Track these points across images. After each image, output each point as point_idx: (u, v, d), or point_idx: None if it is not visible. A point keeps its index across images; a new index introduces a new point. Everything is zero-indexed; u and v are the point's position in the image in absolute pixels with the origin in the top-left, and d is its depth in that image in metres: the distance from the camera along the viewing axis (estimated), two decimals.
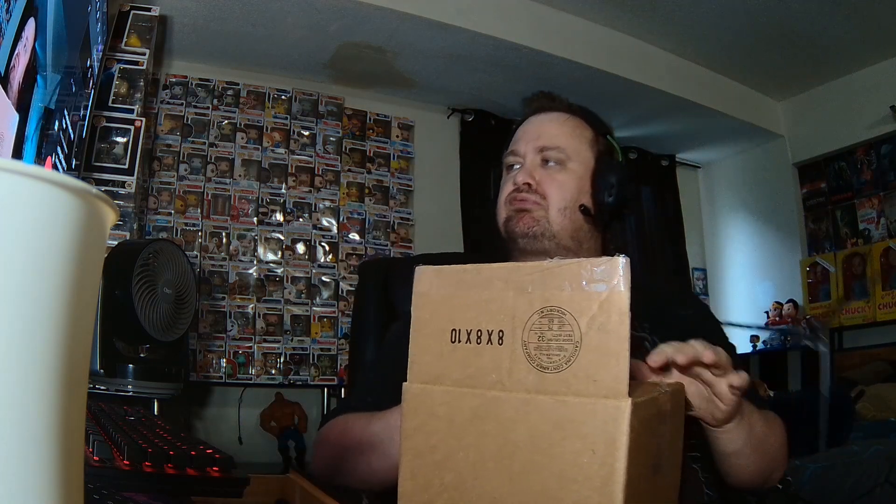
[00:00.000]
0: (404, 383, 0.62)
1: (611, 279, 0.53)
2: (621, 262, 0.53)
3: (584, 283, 0.54)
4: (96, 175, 2.04)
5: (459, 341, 0.59)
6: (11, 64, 0.94)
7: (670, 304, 1.13)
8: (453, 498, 0.58)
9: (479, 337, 0.58)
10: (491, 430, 0.56)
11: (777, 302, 3.81)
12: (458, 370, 0.59)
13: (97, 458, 0.67)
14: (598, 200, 1.10)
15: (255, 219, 3.34)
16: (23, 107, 1.03)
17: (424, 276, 0.63)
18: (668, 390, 0.62)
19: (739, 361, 1.18)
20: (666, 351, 0.70)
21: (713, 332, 1.15)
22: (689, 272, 4.30)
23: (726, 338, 1.26)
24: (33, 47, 1.04)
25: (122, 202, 2.06)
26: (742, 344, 3.80)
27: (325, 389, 3.29)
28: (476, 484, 0.56)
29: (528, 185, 1.09)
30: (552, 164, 1.10)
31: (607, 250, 1.15)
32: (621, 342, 0.52)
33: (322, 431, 1.02)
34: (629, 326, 0.52)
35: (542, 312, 0.55)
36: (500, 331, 0.57)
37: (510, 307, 0.57)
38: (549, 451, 0.53)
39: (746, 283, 4.13)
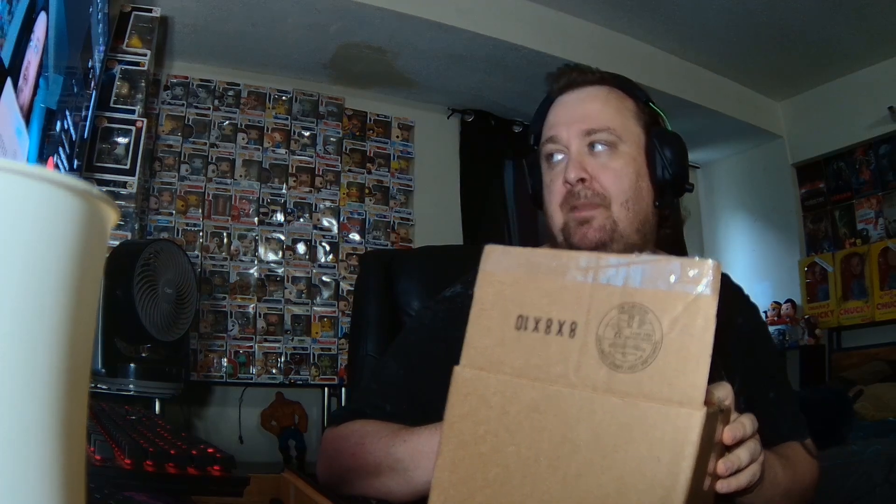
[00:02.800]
0: (455, 367, 0.57)
1: (700, 281, 0.50)
2: (713, 266, 0.50)
3: (671, 281, 0.50)
4: (98, 175, 2.04)
5: (525, 328, 0.55)
6: (23, 71, 0.94)
7: (729, 309, 1.04)
8: (496, 494, 0.53)
9: (548, 326, 0.54)
10: (549, 426, 0.52)
11: (776, 302, 3.81)
12: (521, 359, 0.54)
13: (99, 458, 0.68)
14: (657, 182, 0.98)
15: (255, 219, 3.34)
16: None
17: (492, 255, 0.58)
18: (721, 409, 0.59)
19: (786, 375, 1.16)
20: (745, 426, 0.64)
21: (765, 346, 1.09)
22: None
23: (776, 351, 1.20)
24: (44, 47, 1.04)
25: (123, 202, 2.07)
26: None
27: (326, 389, 3.30)
28: (524, 482, 0.52)
29: (583, 180, 0.95)
30: (601, 147, 0.96)
31: (664, 236, 1.04)
32: (704, 348, 0.49)
33: (332, 437, 0.94)
34: (714, 333, 0.49)
35: (622, 308, 0.51)
36: (573, 322, 0.53)
37: (587, 298, 0.53)
38: (611, 455, 0.50)
39: (745, 282, 4.07)
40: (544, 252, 0.57)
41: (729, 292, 1.10)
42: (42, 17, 1.06)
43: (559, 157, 0.99)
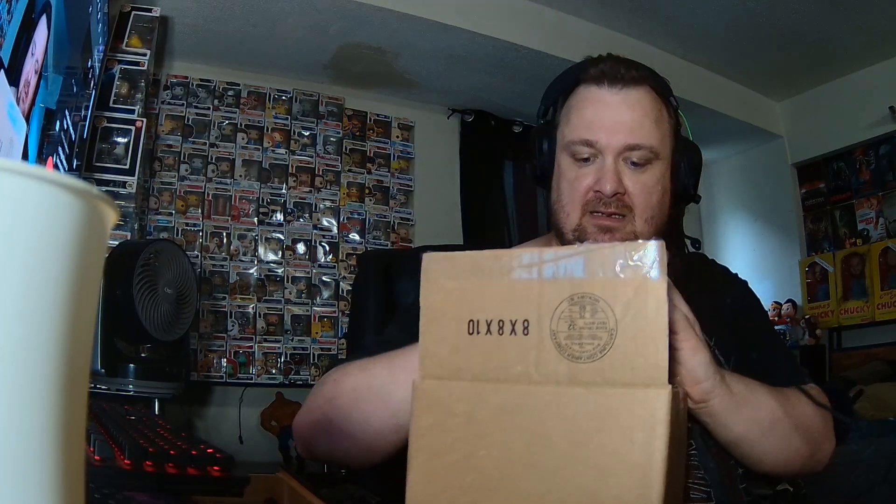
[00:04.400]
0: (414, 379, 0.57)
1: (646, 264, 0.50)
2: (656, 247, 0.50)
3: (617, 268, 0.51)
4: (97, 175, 2.05)
5: (478, 333, 0.55)
6: (24, 73, 0.94)
7: (717, 286, 1.06)
8: (476, 501, 0.53)
9: (500, 327, 0.54)
10: (519, 425, 0.52)
11: (776, 302, 3.81)
12: (479, 364, 0.54)
13: (98, 458, 0.68)
14: (676, 195, 1.00)
15: (255, 219, 3.34)
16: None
17: (433, 263, 0.58)
18: (680, 390, 0.59)
19: (777, 334, 1.16)
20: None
21: (752, 314, 1.09)
22: None
23: (770, 324, 1.21)
24: (45, 49, 1.04)
25: (123, 202, 2.07)
26: None
27: None
28: (501, 485, 0.52)
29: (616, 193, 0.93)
30: (637, 161, 0.94)
31: (671, 242, 1.04)
32: (660, 329, 0.49)
33: (316, 385, 0.90)
34: (667, 312, 0.50)
35: (572, 300, 0.51)
36: (525, 320, 0.53)
37: (535, 295, 0.53)
38: (585, 445, 0.50)
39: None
40: (487, 253, 0.57)
41: (714, 274, 1.13)
42: (42, 20, 1.06)
43: (590, 158, 0.96)
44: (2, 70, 0.90)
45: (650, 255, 0.50)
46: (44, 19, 1.06)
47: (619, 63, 0.97)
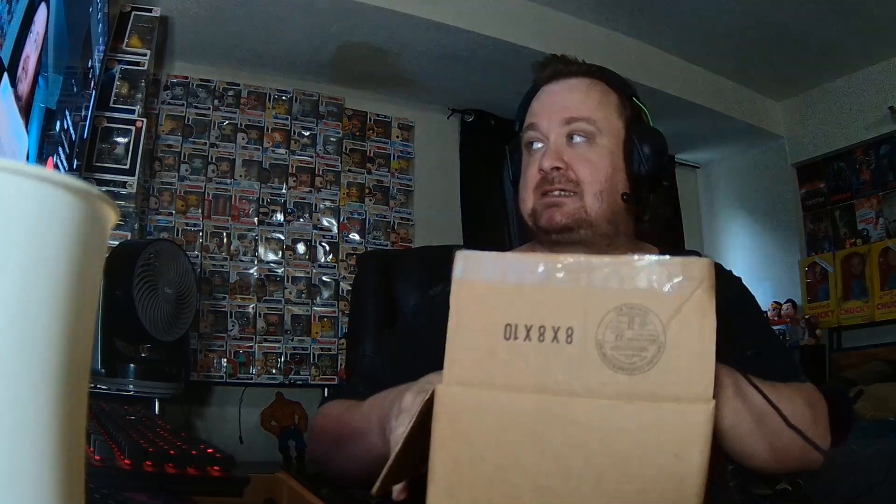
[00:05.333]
0: (438, 386, 0.54)
1: (697, 279, 0.49)
2: (707, 263, 0.50)
3: (666, 281, 0.50)
4: (97, 175, 2.05)
5: (516, 338, 0.52)
6: (21, 63, 0.94)
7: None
8: None
9: (541, 334, 0.51)
10: (555, 437, 0.50)
11: (776, 302, 3.81)
12: (515, 370, 0.52)
13: (98, 458, 0.68)
14: (633, 176, 0.99)
15: (255, 219, 3.34)
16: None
17: (468, 262, 0.55)
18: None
19: (773, 331, 1.17)
20: None
21: (746, 310, 1.08)
22: None
23: (766, 320, 1.21)
24: (43, 44, 1.04)
25: (123, 202, 2.07)
26: None
27: (326, 389, 3.29)
28: (535, 498, 0.50)
29: (558, 168, 0.96)
30: (580, 138, 0.97)
31: (647, 229, 1.06)
32: (707, 344, 0.49)
33: (311, 422, 1.00)
34: (715, 328, 0.49)
35: (620, 310, 0.50)
36: (569, 328, 0.51)
37: (581, 302, 0.51)
38: (626, 459, 0.49)
39: (746, 282, 4.11)
40: (527, 256, 0.54)
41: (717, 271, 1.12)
42: (42, 11, 1.06)
43: (538, 145, 1.00)
44: (6, 76, 0.90)
45: (701, 271, 0.50)
46: (43, 8, 1.06)
47: (561, 61, 1.04)
